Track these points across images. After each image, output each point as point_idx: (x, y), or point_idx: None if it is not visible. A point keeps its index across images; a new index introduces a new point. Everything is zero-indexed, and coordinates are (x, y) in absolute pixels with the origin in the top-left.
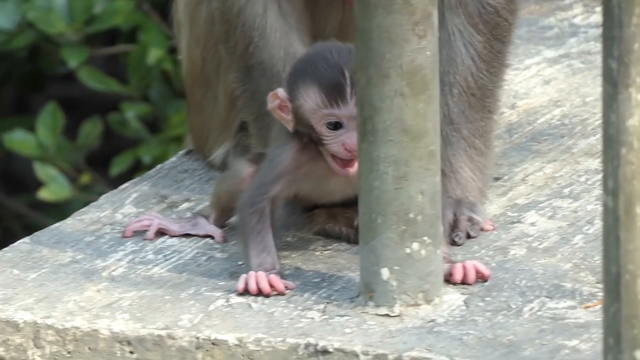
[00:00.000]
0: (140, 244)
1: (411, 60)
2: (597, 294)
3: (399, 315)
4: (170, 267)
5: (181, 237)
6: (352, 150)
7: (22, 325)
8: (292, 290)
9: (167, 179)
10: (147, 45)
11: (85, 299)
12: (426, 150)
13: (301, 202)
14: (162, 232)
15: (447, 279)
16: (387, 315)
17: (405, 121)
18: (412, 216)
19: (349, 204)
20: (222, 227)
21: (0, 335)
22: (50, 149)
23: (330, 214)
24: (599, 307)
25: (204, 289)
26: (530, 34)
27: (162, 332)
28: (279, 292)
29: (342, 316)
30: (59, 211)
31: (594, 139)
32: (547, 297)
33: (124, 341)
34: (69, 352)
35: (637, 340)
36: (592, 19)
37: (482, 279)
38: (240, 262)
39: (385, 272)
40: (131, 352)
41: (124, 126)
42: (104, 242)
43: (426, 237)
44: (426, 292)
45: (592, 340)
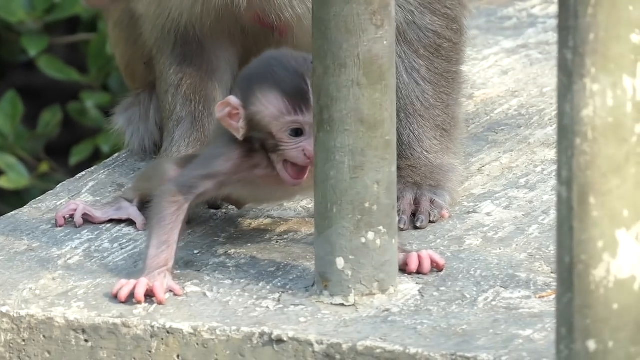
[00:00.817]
0: (96, 233)
1: (368, 49)
2: (551, 284)
3: (353, 304)
4: (125, 255)
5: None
6: (311, 157)
7: None
8: (181, 296)
9: (124, 167)
10: (107, 34)
11: (40, 287)
12: (382, 140)
13: (229, 202)
14: (86, 219)
15: (402, 269)
16: (342, 304)
17: (361, 111)
18: (367, 206)
19: None
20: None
21: None
22: (9, 137)
23: None
24: (553, 297)
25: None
26: (489, 24)
27: (117, 321)
28: (158, 302)
29: (297, 305)
30: (18, 199)
31: (550, 130)
32: (501, 287)
33: (78, 329)
34: (24, 340)
35: (590, 330)
36: (551, 9)
37: (437, 269)
38: (196, 251)
39: (340, 262)
40: (86, 341)
41: (84, 115)
42: (60, 231)
43: (381, 227)
44: (381, 281)
45: (546, 330)
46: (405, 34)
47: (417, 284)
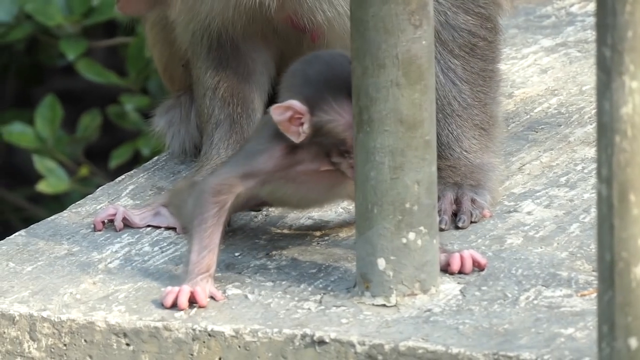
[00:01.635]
0: (136, 236)
1: (407, 50)
2: (592, 282)
3: (395, 305)
4: (166, 259)
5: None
6: None
7: (17, 318)
8: (221, 301)
9: (163, 171)
10: (145, 37)
11: (81, 291)
12: (422, 140)
13: (276, 205)
14: (125, 223)
15: (444, 269)
16: (384, 305)
17: (401, 111)
18: (408, 206)
19: None
20: None
21: None
22: (48, 141)
23: None
24: (594, 295)
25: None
26: (527, 23)
27: (159, 324)
28: (200, 306)
29: (339, 306)
30: (58, 204)
31: (590, 128)
32: (543, 285)
33: (120, 333)
34: (65, 345)
35: (631, 327)
36: (589, 7)
37: (478, 268)
38: (237, 253)
39: (381, 262)
40: (127, 344)
41: (123, 118)
42: (100, 235)
43: (422, 227)
44: (422, 281)
45: (588, 328)
46: (439, 35)
47: (458, 283)
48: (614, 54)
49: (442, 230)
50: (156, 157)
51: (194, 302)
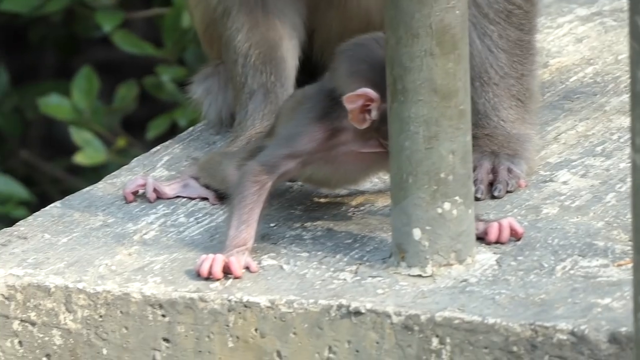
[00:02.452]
0: (172, 207)
1: (440, 19)
2: (629, 252)
3: (431, 275)
4: (201, 230)
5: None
6: None
7: (53, 289)
8: (256, 272)
9: (198, 141)
10: (181, 8)
11: (116, 262)
12: (456, 109)
13: (310, 184)
14: (157, 194)
15: (482, 237)
16: (420, 275)
17: (435, 81)
18: (443, 176)
19: None
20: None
21: (31, 299)
22: (85, 113)
23: None
24: (631, 265)
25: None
26: None
27: (194, 295)
28: (235, 277)
29: (375, 277)
30: (95, 175)
31: (626, 97)
32: (579, 255)
33: (155, 304)
34: (101, 316)
35: None
36: None
37: (515, 238)
38: (272, 224)
39: (417, 233)
40: (163, 316)
41: (160, 89)
42: (135, 206)
43: (457, 197)
44: (458, 252)
45: (625, 298)
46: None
47: (494, 253)
48: None
49: (477, 199)
50: (191, 128)
51: (228, 273)
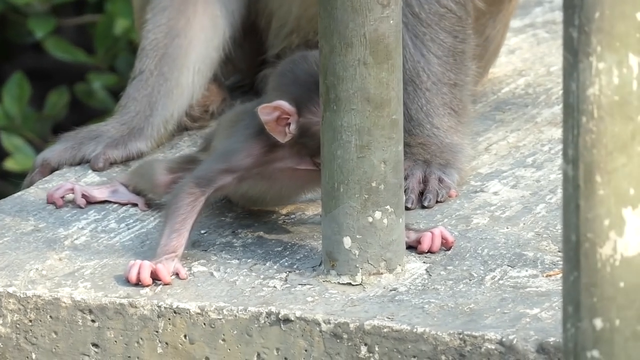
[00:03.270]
0: (103, 213)
1: (374, 29)
2: (558, 262)
3: (361, 284)
4: (132, 235)
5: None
6: None
7: None
8: (185, 279)
9: None
10: (113, 15)
11: (47, 267)
12: (389, 119)
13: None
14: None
15: (413, 246)
16: (349, 284)
17: (368, 90)
18: (374, 185)
19: None
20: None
21: None
22: (16, 119)
23: None
24: (560, 275)
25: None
26: None
27: (124, 301)
28: (164, 283)
29: (304, 285)
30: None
31: (557, 109)
32: (509, 265)
33: (85, 310)
34: (31, 321)
35: (596, 308)
36: None
37: (445, 247)
38: (202, 231)
39: (347, 241)
40: (93, 321)
41: (91, 96)
42: (67, 211)
43: (388, 206)
44: (388, 260)
45: (553, 308)
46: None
47: (424, 263)
48: (581, 35)
49: (408, 209)
50: None
51: (157, 279)
